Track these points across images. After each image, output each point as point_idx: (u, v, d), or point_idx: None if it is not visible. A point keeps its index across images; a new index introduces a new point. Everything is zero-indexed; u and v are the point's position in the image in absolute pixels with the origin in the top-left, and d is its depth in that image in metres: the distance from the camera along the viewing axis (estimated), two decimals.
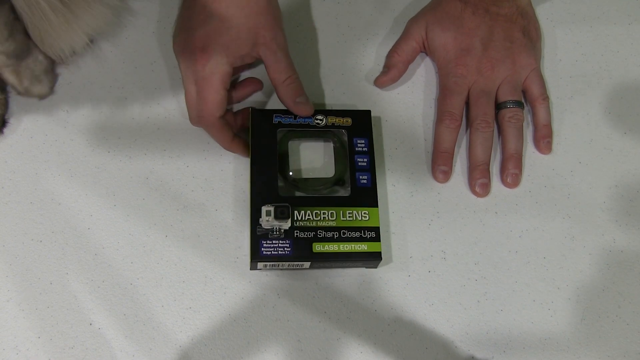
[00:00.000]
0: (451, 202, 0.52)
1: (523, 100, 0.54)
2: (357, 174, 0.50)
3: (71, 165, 0.54)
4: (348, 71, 0.57)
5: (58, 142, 0.55)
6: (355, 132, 0.52)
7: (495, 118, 0.54)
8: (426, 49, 0.56)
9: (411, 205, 0.52)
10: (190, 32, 0.49)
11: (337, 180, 0.51)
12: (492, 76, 0.53)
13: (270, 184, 0.50)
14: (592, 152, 0.54)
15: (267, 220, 0.48)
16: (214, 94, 0.48)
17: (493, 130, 0.52)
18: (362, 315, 0.49)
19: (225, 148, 0.52)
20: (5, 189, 0.53)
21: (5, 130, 0.55)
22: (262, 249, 0.47)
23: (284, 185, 0.50)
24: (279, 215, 0.48)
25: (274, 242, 0.47)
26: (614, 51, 0.57)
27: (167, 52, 0.58)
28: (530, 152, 0.53)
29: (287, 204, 0.48)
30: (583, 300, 0.49)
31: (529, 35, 0.54)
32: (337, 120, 0.52)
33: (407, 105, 0.55)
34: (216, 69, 0.48)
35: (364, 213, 0.49)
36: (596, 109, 0.55)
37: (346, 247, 0.48)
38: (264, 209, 0.48)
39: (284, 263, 0.48)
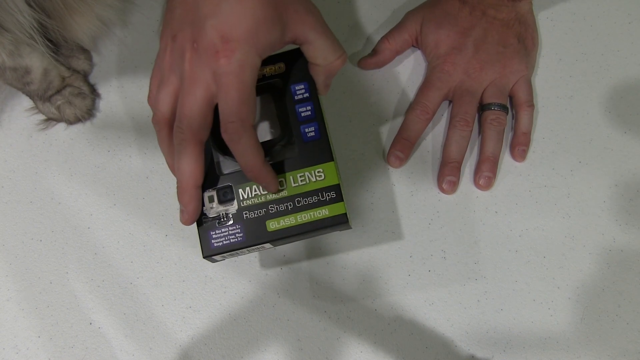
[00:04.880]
0: (451, 202, 0.52)
1: (508, 106, 0.54)
2: (301, 127, 0.43)
3: (71, 164, 0.54)
4: (349, 71, 0.57)
5: (58, 142, 0.55)
6: (291, 78, 0.44)
7: (478, 119, 0.54)
8: (418, 44, 0.56)
9: (411, 205, 0.52)
10: (198, 24, 0.38)
11: (286, 139, 0.43)
12: (480, 77, 0.53)
13: (208, 164, 0.43)
14: (592, 152, 0.54)
15: (212, 207, 0.42)
16: (248, 92, 0.38)
17: (471, 131, 0.52)
18: (362, 315, 0.49)
19: (255, 171, 0.40)
20: (5, 188, 0.53)
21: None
22: (212, 241, 0.42)
23: (225, 160, 0.43)
24: (223, 199, 0.42)
25: (223, 230, 0.42)
26: (614, 51, 0.57)
27: None
28: (530, 153, 0.53)
29: (229, 184, 0.42)
30: (583, 300, 0.49)
31: (524, 42, 0.54)
32: (268, 69, 0.44)
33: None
34: (246, 62, 0.38)
35: (318, 172, 0.42)
36: (596, 108, 0.55)
37: (304, 217, 0.41)
38: (205, 195, 0.42)
39: (241, 250, 0.42)
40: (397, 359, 0.47)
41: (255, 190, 0.42)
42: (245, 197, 0.42)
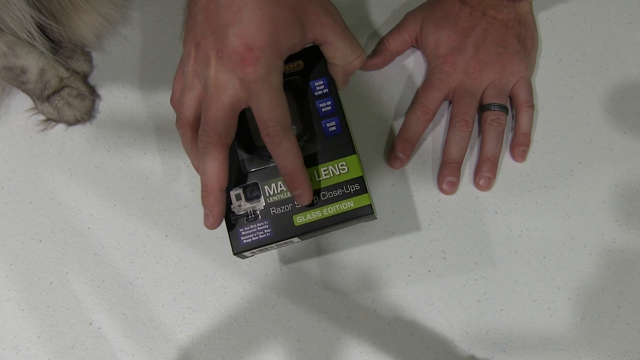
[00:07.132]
0: (451, 202, 0.52)
1: (508, 106, 0.54)
2: (323, 122, 0.44)
3: (71, 165, 0.54)
4: None
5: (58, 143, 0.55)
6: (310, 74, 0.45)
7: (478, 120, 0.54)
8: (418, 44, 0.56)
9: (411, 205, 0.52)
10: (221, 32, 0.39)
11: (308, 135, 0.44)
12: (479, 78, 0.53)
13: (233, 162, 0.44)
14: (592, 152, 0.54)
15: (240, 205, 0.43)
16: (278, 94, 0.39)
17: (471, 131, 0.52)
18: (362, 315, 0.49)
19: (294, 174, 0.41)
20: (5, 188, 0.53)
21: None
22: (242, 238, 0.43)
23: (249, 158, 0.44)
24: (250, 196, 0.43)
25: (251, 227, 0.43)
26: (614, 51, 0.57)
27: (167, 51, 0.58)
28: (530, 153, 0.53)
29: (255, 182, 0.44)
30: (583, 300, 0.49)
31: (523, 42, 0.54)
32: (287, 67, 0.45)
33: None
34: (272, 66, 0.39)
35: (342, 165, 0.43)
36: (596, 109, 0.55)
37: (330, 209, 0.42)
38: (232, 193, 0.44)
39: (270, 246, 0.43)
40: (397, 359, 0.48)
41: (280, 186, 0.43)
42: (272, 193, 0.43)
